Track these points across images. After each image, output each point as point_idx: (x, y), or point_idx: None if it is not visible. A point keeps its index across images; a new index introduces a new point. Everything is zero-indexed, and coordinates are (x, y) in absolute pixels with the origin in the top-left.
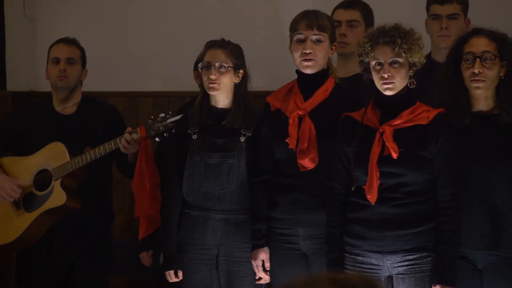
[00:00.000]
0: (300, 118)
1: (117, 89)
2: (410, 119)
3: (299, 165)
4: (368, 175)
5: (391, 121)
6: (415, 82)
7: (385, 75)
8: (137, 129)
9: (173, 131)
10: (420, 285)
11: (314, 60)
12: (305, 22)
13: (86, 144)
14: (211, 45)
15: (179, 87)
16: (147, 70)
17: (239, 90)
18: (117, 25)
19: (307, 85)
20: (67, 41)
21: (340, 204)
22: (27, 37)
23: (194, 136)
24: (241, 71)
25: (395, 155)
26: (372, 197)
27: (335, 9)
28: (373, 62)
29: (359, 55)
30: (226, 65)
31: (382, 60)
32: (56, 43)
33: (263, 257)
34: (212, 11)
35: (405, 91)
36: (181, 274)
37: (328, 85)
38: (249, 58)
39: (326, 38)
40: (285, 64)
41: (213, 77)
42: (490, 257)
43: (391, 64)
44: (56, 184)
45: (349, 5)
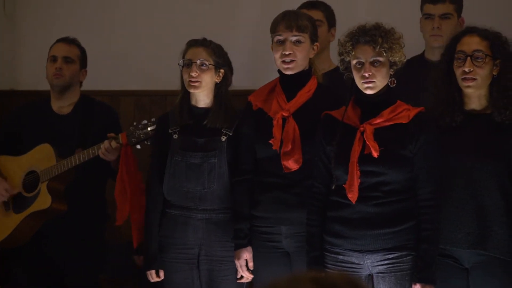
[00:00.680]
0: (284, 119)
1: (98, 88)
2: (390, 118)
3: (283, 167)
4: (349, 174)
5: (371, 120)
6: (395, 81)
7: (366, 74)
8: (119, 135)
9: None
10: (400, 283)
11: (294, 61)
12: (284, 23)
13: (79, 145)
14: (192, 43)
15: (161, 86)
16: (129, 69)
17: (220, 90)
18: (98, 23)
19: (289, 85)
20: (67, 40)
21: (321, 203)
22: (7, 35)
23: (175, 136)
24: (222, 70)
25: (375, 154)
26: (353, 196)
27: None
28: (354, 61)
29: (340, 54)
30: (207, 63)
31: (363, 59)
32: (57, 42)
33: (246, 256)
34: (196, 10)
35: (386, 90)
36: (162, 273)
37: (311, 85)
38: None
39: (306, 38)
40: (267, 63)
41: (194, 74)
42: (477, 256)
43: (372, 63)
44: (43, 186)
45: (312, 5)
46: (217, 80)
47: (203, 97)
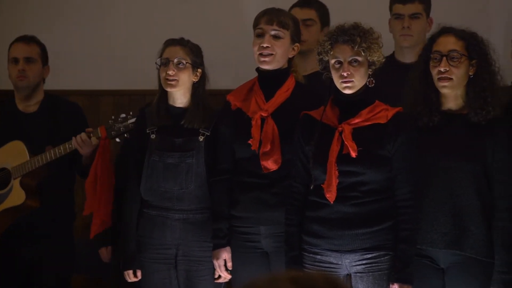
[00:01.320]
0: (263, 119)
1: (77, 87)
2: (369, 118)
3: (262, 167)
4: (327, 174)
5: (350, 119)
6: (374, 81)
7: (345, 74)
8: (97, 129)
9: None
10: (378, 283)
11: (271, 55)
12: (266, 17)
13: (48, 143)
14: (170, 42)
15: (140, 85)
16: (107, 68)
17: (197, 89)
18: (77, 22)
19: (267, 83)
20: (26, 39)
21: (299, 203)
22: None
23: (152, 136)
24: (199, 70)
25: (354, 154)
26: (331, 195)
27: (291, 8)
28: (332, 61)
29: (319, 53)
30: (184, 61)
31: (342, 59)
32: (15, 41)
33: (225, 256)
34: (174, 10)
35: (364, 90)
36: (140, 273)
37: (289, 84)
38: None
39: (286, 35)
40: (244, 63)
41: (171, 72)
42: (453, 256)
43: (350, 62)
44: (15, 183)
45: (305, 4)
46: (194, 80)
47: (180, 96)
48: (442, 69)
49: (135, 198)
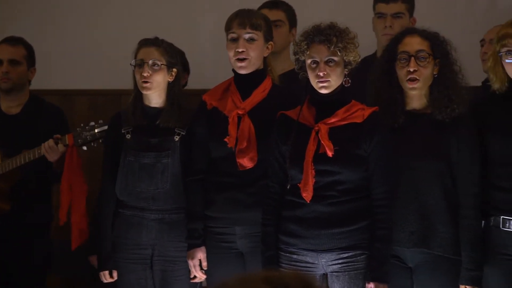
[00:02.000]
0: (239, 118)
1: (51, 87)
2: (345, 118)
3: (238, 164)
4: (304, 173)
5: (326, 119)
6: (350, 81)
7: (321, 74)
8: (65, 136)
9: (100, 141)
10: (354, 282)
11: (247, 59)
12: (238, 20)
13: (26, 146)
14: (144, 43)
15: (115, 85)
16: (83, 68)
17: (173, 89)
18: (52, 21)
19: (244, 84)
20: (12, 41)
21: (276, 203)
22: None
23: (128, 136)
24: (174, 69)
25: (330, 153)
26: (308, 195)
27: (259, 9)
28: (308, 61)
29: (295, 53)
30: (159, 63)
31: (318, 59)
32: (1, 43)
33: (200, 256)
34: (151, 10)
35: (340, 89)
36: (115, 274)
37: (266, 85)
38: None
39: (259, 36)
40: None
41: (146, 74)
42: (421, 255)
43: (326, 62)
44: None
45: (274, 5)
46: (169, 80)
47: (155, 97)
48: (412, 69)
49: (110, 199)
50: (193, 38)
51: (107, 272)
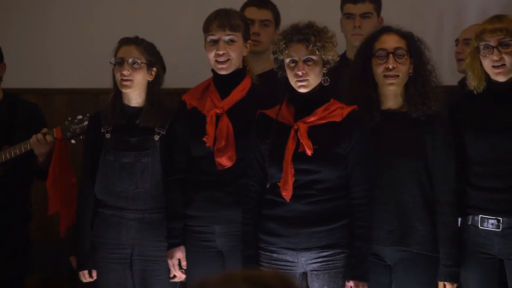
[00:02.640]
0: (218, 117)
1: (30, 86)
2: (324, 116)
3: (217, 164)
4: (283, 172)
5: (305, 118)
6: (329, 80)
7: (299, 73)
8: (53, 130)
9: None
10: (334, 281)
11: (228, 60)
12: (217, 22)
13: (4, 143)
14: (124, 41)
15: (93, 84)
16: (61, 67)
17: (153, 89)
18: (30, 20)
19: (223, 84)
20: None
21: (255, 202)
22: None
23: (108, 135)
24: (154, 69)
25: (309, 152)
26: (287, 194)
27: (246, 5)
28: (287, 60)
29: (274, 52)
30: (139, 61)
31: (296, 58)
32: None
33: (179, 256)
34: (129, 9)
35: (319, 88)
36: (95, 274)
37: (245, 84)
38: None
39: (239, 37)
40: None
41: (126, 72)
42: (399, 252)
43: (305, 61)
44: None
45: (263, 4)
46: (149, 79)
47: (135, 96)
48: (391, 66)
49: (89, 198)
50: (172, 37)
51: (86, 272)
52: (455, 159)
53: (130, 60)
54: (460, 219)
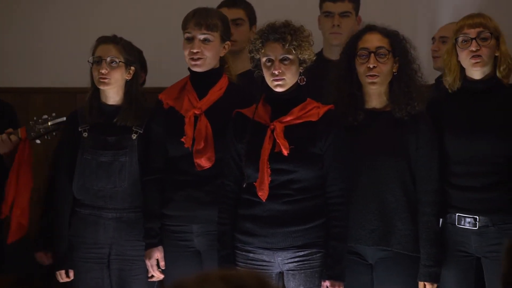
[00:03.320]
0: (196, 117)
1: (6, 85)
2: (300, 116)
3: (196, 165)
4: (259, 172)
5: (281, 117)
6: (305, 79)
7: (276, 72)
8: (18, 130)
9: (54, 134)
10: (310, 281)
11: (202, 59)
12: (194, 20)
13: None
14: (102, 40)
15: (70, 83)
16: (38, 66)
17: (131, 87)
18: (7, 18)
19: (200, 83)
20: None
21: (232, 201)
22: None
23: (85, 134)
24: (132, 67)
25: (285, 152)
26: (263, 194)
27: (219, 7)
28: (263, 59)
29: (250, 51)
30: (117, 60)
31: (273, 57)
32: None
33: (157, 256)
34: (106, 8)
35: (296, 87)
36: (72, 273)
37: (222, 83)
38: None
39: (215, 37)
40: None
41: (103, 71)
42: (381, 252)
43: (281, 60)
44: None
45: (233, 4)
46: (127, 78)
47: (113, 95)
48: (371, 65)
49: (66, 197)
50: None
51: (63, 272)
52: (438, 159)
53: (108, 59)
54: (441, 219)
